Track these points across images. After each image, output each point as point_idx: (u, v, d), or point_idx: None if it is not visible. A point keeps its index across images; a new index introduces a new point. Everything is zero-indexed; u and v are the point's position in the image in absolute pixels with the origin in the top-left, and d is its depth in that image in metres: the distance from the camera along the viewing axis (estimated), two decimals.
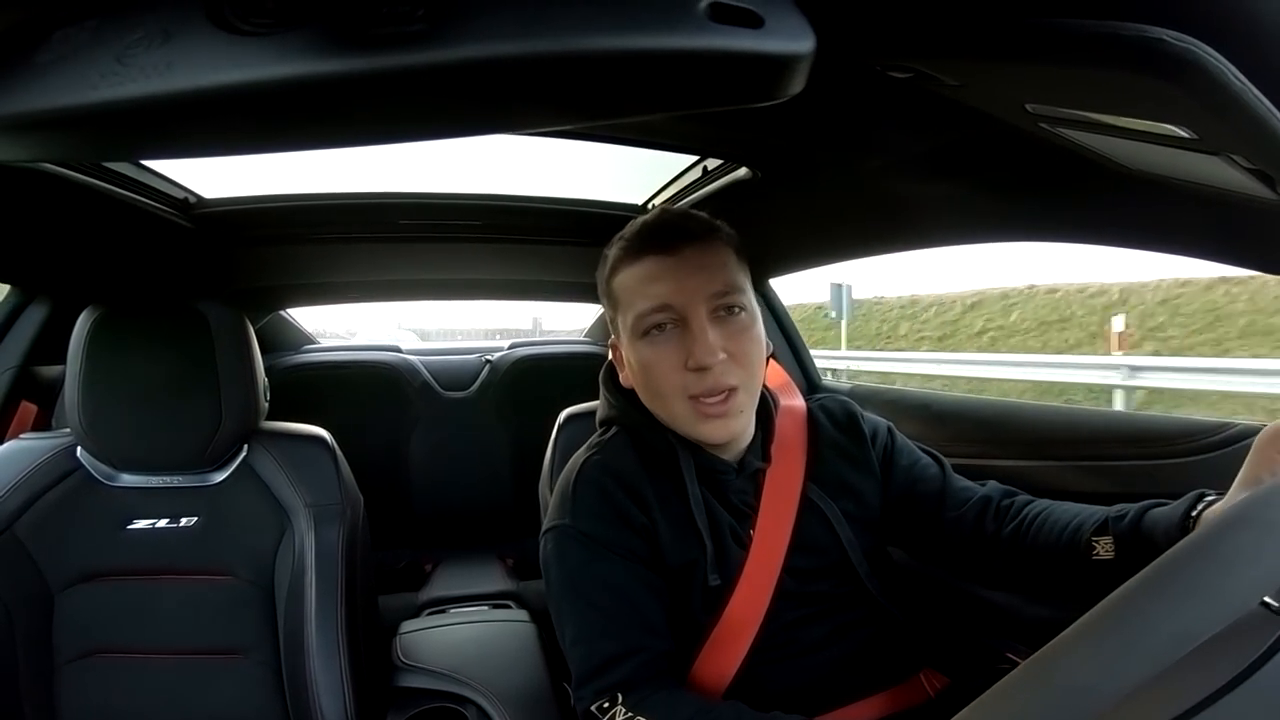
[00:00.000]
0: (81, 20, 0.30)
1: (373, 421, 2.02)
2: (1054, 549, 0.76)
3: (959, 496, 0.87)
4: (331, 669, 0.98)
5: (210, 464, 1.05)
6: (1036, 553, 0.78)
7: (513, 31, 0.29)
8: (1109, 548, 0.71)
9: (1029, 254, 47.70)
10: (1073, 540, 0.74)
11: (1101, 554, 0.71)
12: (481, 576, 1.84)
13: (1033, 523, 0.80)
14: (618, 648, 0.75)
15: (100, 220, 1.09)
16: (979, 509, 0.85)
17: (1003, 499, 0.85)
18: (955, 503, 0.87)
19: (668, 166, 1.32)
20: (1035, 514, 0.80)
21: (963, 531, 0.84)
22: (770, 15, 0.32)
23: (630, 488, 0.82)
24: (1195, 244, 0.74)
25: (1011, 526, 0.81)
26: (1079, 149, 0.62)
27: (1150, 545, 0.66)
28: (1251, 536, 0.38)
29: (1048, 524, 0.78)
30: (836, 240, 1.30)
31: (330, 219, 1.36)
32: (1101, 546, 0.71)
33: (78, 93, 0.29)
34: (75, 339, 0.99)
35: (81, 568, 1.01)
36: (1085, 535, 0.73)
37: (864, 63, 0.58)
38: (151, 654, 1.01)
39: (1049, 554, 0.76)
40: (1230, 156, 0.48)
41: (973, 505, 0.85)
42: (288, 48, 0.28)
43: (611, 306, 0.85)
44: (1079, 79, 0.46)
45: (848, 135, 0.85)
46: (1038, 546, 0.78)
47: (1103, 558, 0.71)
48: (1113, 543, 0.71)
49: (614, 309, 0.85)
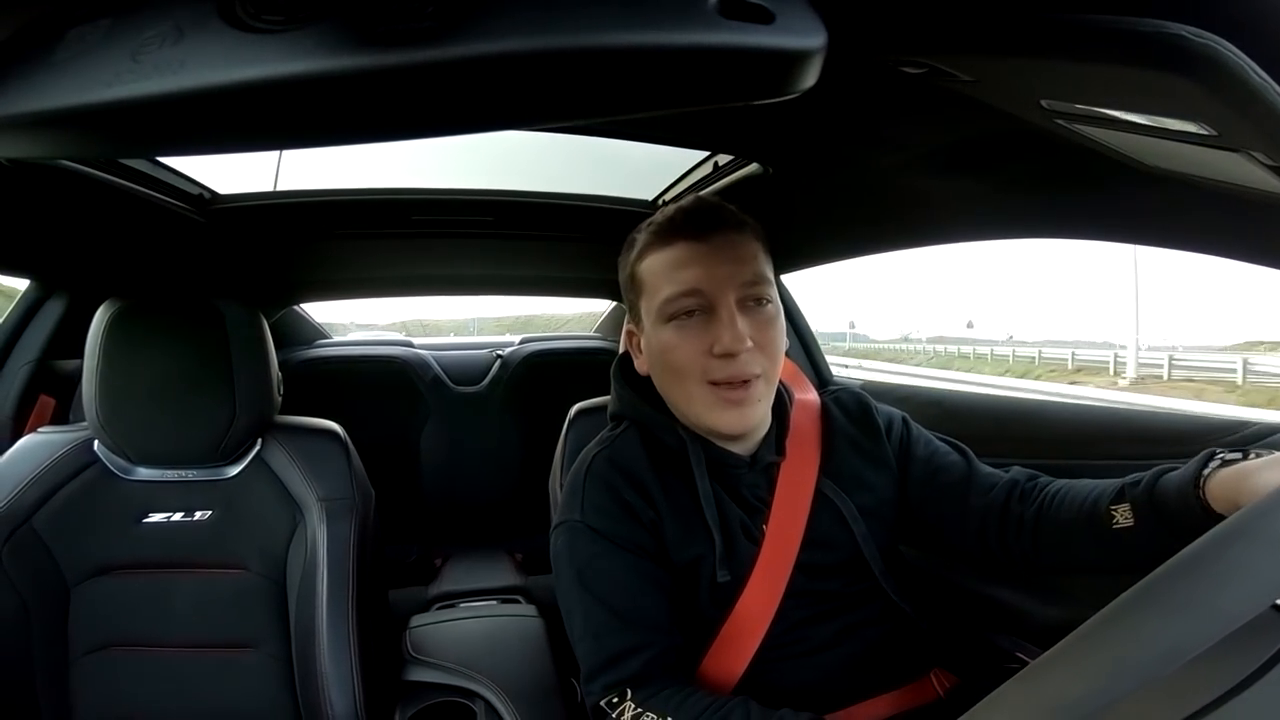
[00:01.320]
0: (95, 19, 0.31)
1: (384, 416, 2.03)
2: (1076, 522, 0.75)
3: (986, 481, 0.86)
4: (342, 662, 0.99)
5: (224, 458, 1.06)
6: (1060, 529, 0.77)
7: (523, 27, 0.29)
8: (1128, 514, 0.70)
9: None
10: (1093, 511, 0.74)
11: (1121, 521, 0.71)
12: (491, 571, 1.85)
13: (1054, 499, 0.79)
14: (626, 643, 0.75)
15: (116, 216, 1.10)
16: (1007, 492, 0.83)
17: (1028, 481, 0.84)
18: (983, 488, 0.85)
19: (679, 163, 1.31)
20: (1056, 491, 0.80)
21: (992, 516, 0.83)
22: (781, 11, 0.31)
23: (638, 483, 0.82)
24: (1213, 241, 0.73)
25: (1035, 506, 0.80)
26: (1095, 145, 0.61)
27: (1165, 509, 0.66)
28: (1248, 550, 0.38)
29: (1069, 499, 0.77)
30: (848, 236, 1.30)
31: (343, 215, 1.37)
32: (1120, 514, 0.71)
33: (93, 91, 0.29)
34: (93, 333, 1.01)
35: (97, 561, 1.02)
36: (1104, 505, 0.73)
37: (876, 58, 0.57)
38: (165, 647, 1.02)
39: (1072, 528, 0.76)
40: (1250, 153, 0.47)
41: (1001, 489, 0.84)
42: (299, 45, 0.28)
43: (634, 291, 0.85)
44: (1096, 75, 0.45)
45: (860, 131, 0.84)
46: (1060, 522, 0.77)
47: (1122, 525, 0.71)
48: (1130, 509, 0.70)
49: (637, 294, 0.84)
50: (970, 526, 0.84)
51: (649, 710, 0.70)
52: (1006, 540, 0.82)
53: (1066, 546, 0.77)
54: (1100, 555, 0.74)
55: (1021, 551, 0.81)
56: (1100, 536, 0.72)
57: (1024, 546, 0.81)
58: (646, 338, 0.84)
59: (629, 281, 0.86)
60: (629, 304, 0.87)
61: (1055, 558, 0.79)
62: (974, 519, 0.84)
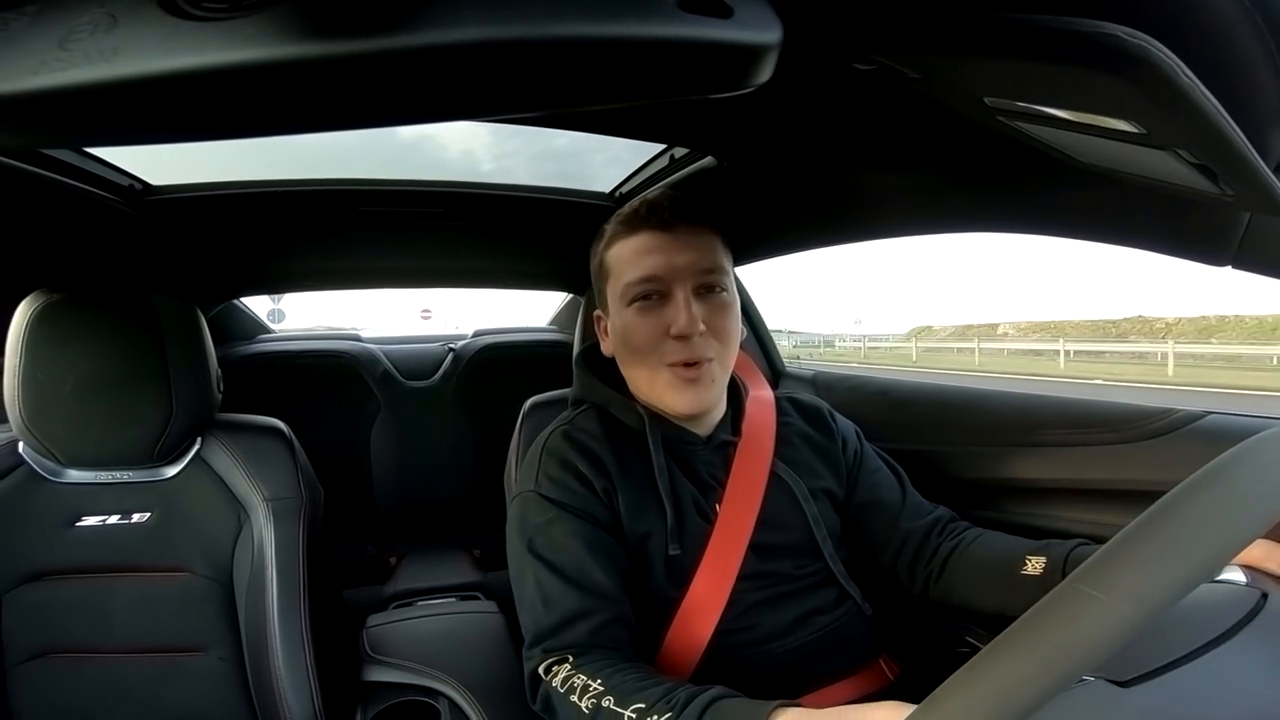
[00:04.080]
0: (22, 5, 0.29)
1: (332, 412, 1.98)
2: (989, 562, 0.84)
3: (917, 510, 0.94)
4: (296, 664, 0.97)
5: (162, 458, 1.02)
6: (971, 565, 0.86)
7: (478, 17, 0.28)
8: (1039, 565, 0.78)
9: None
10: (1010, 556, 0.82)
11: (1031, 570, 0.79)
12: (448, 568, 1.82)
13: (973, 541, 0.88)
14: (573, 609, 0.75)
15: (41, 208, 1.04)
16: (931, 524, 0.92)
17: (952, 520, 0.94)
18: (911, 515, 0.93)
19: (635, 155, 1.31)
20: (976, 535, 0.89)
21: (912, 541, 0.91)
22: (739, 6, 0.32)
23: (593, 455, 0.84)
24: (1144, 236, 0.76)
25: (954, 541, 0.89)
26: (1035, 143, 0.63)
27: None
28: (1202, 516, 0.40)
29: (987, 543, 0.87)
30: (799, 230, 1.32)
31: (285, 206, 1.32)
32: (1033, 564, 0.79)
33: (17, 79, 0.28)
34: (14, 330, 0.95)
35: (29, 567, 0.97)
36: (1022, 553, 0.81)
37: (829, 55, 0.58)
38: (107, 653, 0.98)
39: (983, 566, 0.84)
40: (1177, 151, 0.50)
41: (928, 520, 0.93)
42: (242, 33, 0.27)
43: (602, 278, 0.90)
44: (1036, 73, 0.47)
45: (812, 126, 0.86)
46: (973, 560, 0.86)
47: (1031, 573, 0.78)
48: (1045, 562, 0.78)
49: (604, 280, 0.89)
50: (891, 547, 0.92)
51: (580, 672, 0.70)
52: (916, 566, 0.90)
53: (968, 582, 0.85)
54: (997, 596, 0.82)
55: (925, 578, 0.89)
56: (1006, 579, 0.80)
57: (929, 573, 0.89)
58: (611, 320, 0.89)
59: (598, 268, 0.91)
60: (597, 290, 0.92)
61: (951, 591, 0.87)
62: (896, 541, 0.92)
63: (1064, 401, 1.05)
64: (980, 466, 1.09)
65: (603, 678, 0.68)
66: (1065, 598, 0.37)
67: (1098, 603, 0.35)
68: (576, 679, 0.69)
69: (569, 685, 0.69)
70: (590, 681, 0.68)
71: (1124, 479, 0.91)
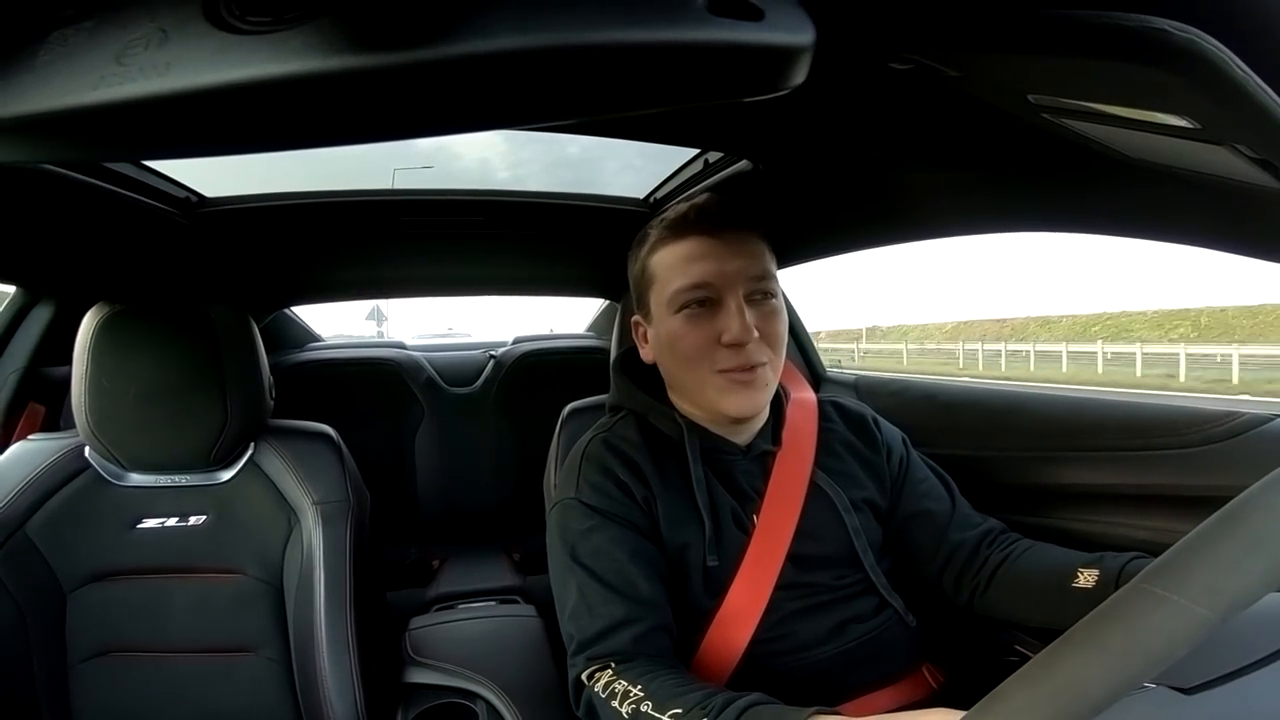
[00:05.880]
0: (79, 21, 0.30)
1: (378, 418, 2.03)
2: (1038, 573, 0.81)
3: (966, 521, 0.91)
4: (341, 665, 0.99)
5: (217, 463, 1.06)
6: (1019, 577, 0.82)
7: (511, 26, 0.29)
8: (1093, 578, 0.75)
9: None
10: (1062, 568, 0.78)
11: (1083, 583, 0.75)
12: (488, 572, 1.85)
13: (1024, 552, 0.85)
14: (617, 616, 0.75)
15: (103, 221, 1.09)
16: (981, 536, 0.89)
17: (1002, 533, 0.90)
18: (961, 526, 0.90)
19: (669, 161, 1.31)
20: (1026, 547, 0.86)
21: (961, 553, 0.88)
22: (770, 7, 0.32)
23: (633, 463, 0.84)
24: (1199, 233, 0.73)
25: (1003, 554, 0.86)
26: (1082, 139, 0.62)
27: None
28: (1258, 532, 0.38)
29: (1039, 554, 0.84)
30: (838, 232, 1.30)
31: (332, 216, 1.36)
32: (1086, 576, 0.75)
33: (77, 93, 0.29)
34: (81, 340, 1.00)
35: (92, 567, 1.02)
36: (1075, 565, 0.77)
37: (865, 55, 0.57)
38: (164, 652, 1.02)
39: (1032, 579, 0.81)
40: (1234, 146, 0.48)
41: (977, 532, 0.90)
42: (286, 46, 0.28)
43: (644, 283, 0.88)
44: (1081, 70, 0.46)
45: (849, 127, 0.85)
46: (1021, 571, 0.83)
47: (1082, 586, 0.75)
48: (1099, 574, 0.75)
49: (647, 285, 0.88)
50: (939, 559, 0.89)
51: (622, 679, 0.70)
52: (963, 578, 0.87)
53: (1015, 594, 0.82)
54: (1044, 609, 0.79)
55: (972, 590, 0.86)
56: (1056, 591, 0.77)
57: (976, 585, 0.86)
58: (655, 327, 0.87)
59: (640, 274, 0.89)
60: (637, 296, 0.90)
61: (998, 603, 0.84)
62: (944, 553, 0.89)
63: (1119, 404, 1.01)
64: (1031, 472, 1.05)
65: (643, 684, 0.68)
66: (1132, 598, 0.35)
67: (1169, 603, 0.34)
68: (618, 684, 0.70)
69: (610, 691, 0.70)
70: (631, 687, 0.68)
71: (1189, 484, 0.87)
